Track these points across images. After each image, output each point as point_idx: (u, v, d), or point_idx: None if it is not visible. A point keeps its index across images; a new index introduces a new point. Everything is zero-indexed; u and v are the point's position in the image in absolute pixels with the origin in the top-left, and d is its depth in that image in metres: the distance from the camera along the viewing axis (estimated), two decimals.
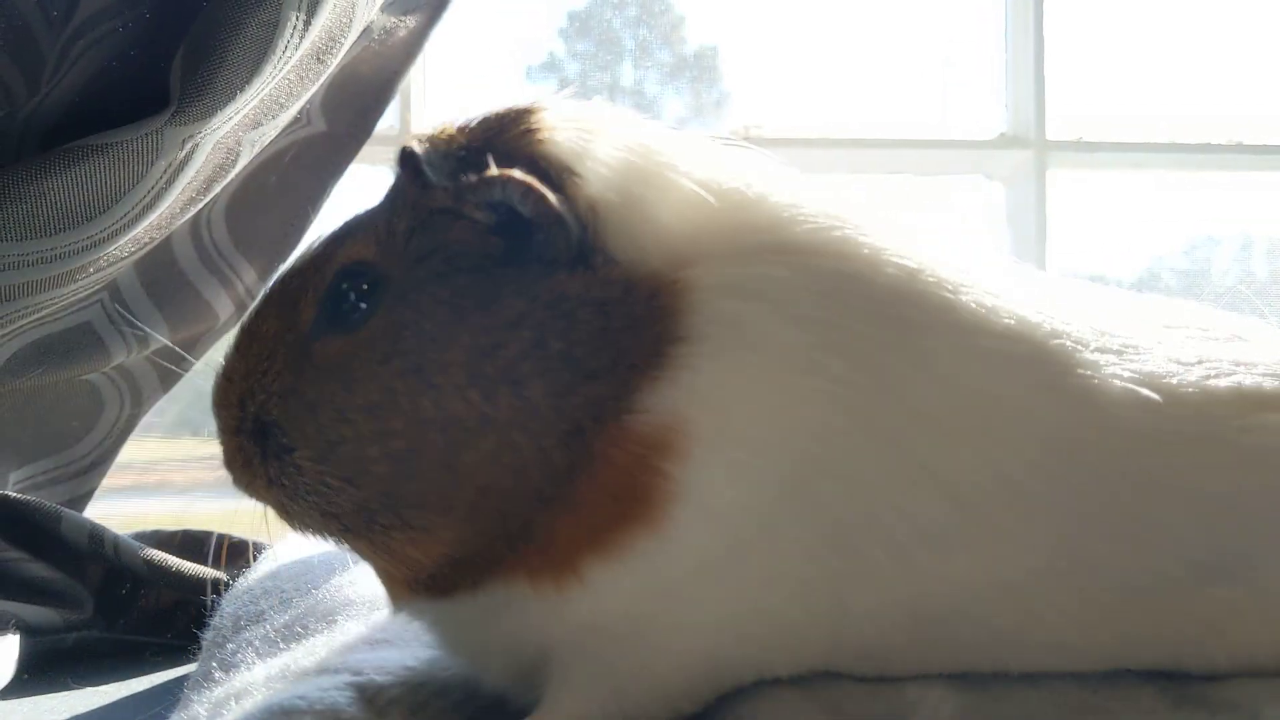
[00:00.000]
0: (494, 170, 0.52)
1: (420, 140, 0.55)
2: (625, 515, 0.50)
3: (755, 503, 0.51)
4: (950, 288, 0.55)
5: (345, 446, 0.54)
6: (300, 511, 0.56)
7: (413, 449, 0.53)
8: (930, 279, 0.55)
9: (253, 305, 0.60)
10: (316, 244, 0.59)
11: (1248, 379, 0.59)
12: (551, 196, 0.52)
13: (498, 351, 0.52)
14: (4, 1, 0.98)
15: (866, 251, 0.55)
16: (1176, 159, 1.77)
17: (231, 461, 0.58)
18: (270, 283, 0.60)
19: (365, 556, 0.58)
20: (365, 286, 0.55)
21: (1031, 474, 0.54)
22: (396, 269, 0.55)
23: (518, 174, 0.52)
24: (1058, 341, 0.56)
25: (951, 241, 0.60)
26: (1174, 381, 0.58)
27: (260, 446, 0.57)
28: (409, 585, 0.57)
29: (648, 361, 0.51)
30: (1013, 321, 0.56)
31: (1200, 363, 0.59)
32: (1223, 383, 0.59)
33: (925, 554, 0.53)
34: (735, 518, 0.51)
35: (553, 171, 0.53)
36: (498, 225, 0.53)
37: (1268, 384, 0.59)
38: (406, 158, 0.55)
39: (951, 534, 0.53)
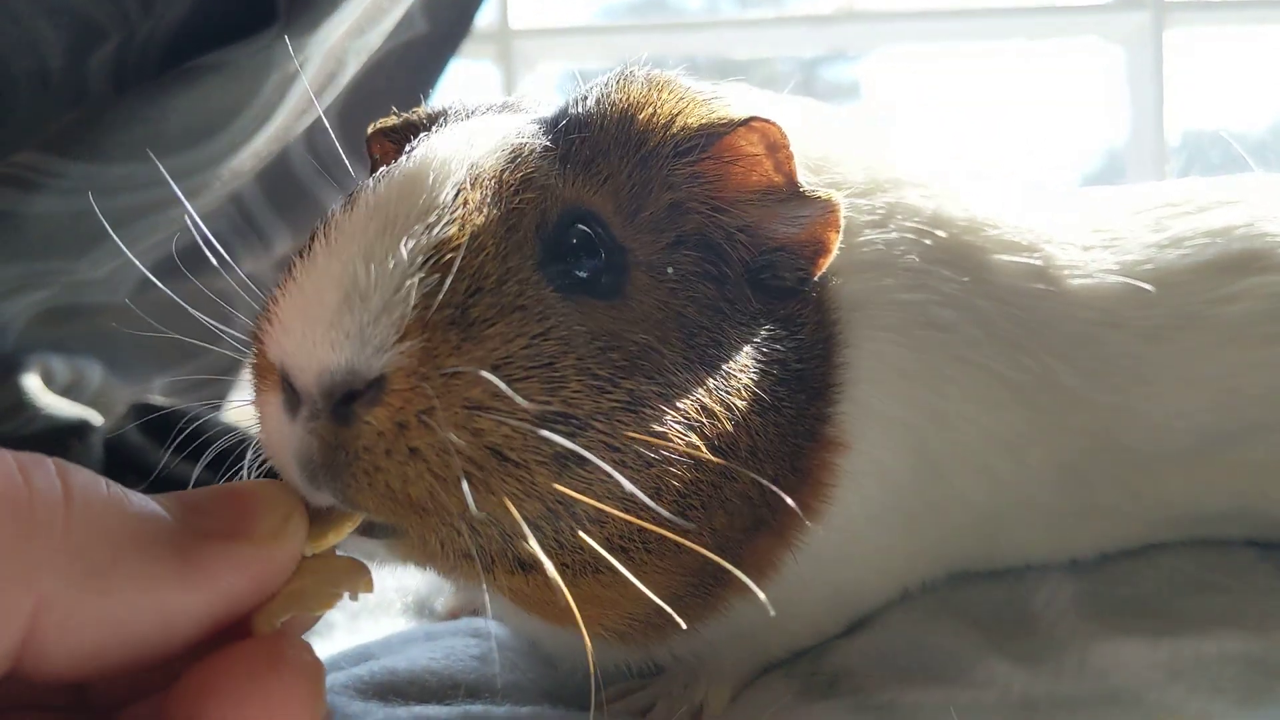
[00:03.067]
0: (834, 193, 0.50)
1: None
2: (805, 511, 0.52)
3: (885, 462, 0.55)
4: (994, 225, 0.59)
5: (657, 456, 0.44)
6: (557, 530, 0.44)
7: (719, 470, 0.47)
8: (977, 221, 0.59)
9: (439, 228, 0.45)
10: (494, 156, 0.47)
11: (1218, 248, 0.60)
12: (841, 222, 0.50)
13: (766, 370, 0.49)
14: None
15: (933, 209, 0.58)
16: None
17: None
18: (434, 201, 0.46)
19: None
20: (577, 240, 0.46)
21: (1064, 369, 0.57)
22: (640, 243, 0.47)
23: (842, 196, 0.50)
24: (1057, 249, 0.60)
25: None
26: (1148, 268, 0.59)
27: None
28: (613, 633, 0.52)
29: (833, 377, 0.53)
30: (1028, 239, 0.59)
31: (1172, 243, 0.60)
32: (1190, 259, 0.60)
33: (1002, 459, 0.57)
34: (872, 481, 0.54)
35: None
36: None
37: (1237, 247, 0.60)
38: (753, 128, 0.48)
39: (1023, 434, 0.57)
